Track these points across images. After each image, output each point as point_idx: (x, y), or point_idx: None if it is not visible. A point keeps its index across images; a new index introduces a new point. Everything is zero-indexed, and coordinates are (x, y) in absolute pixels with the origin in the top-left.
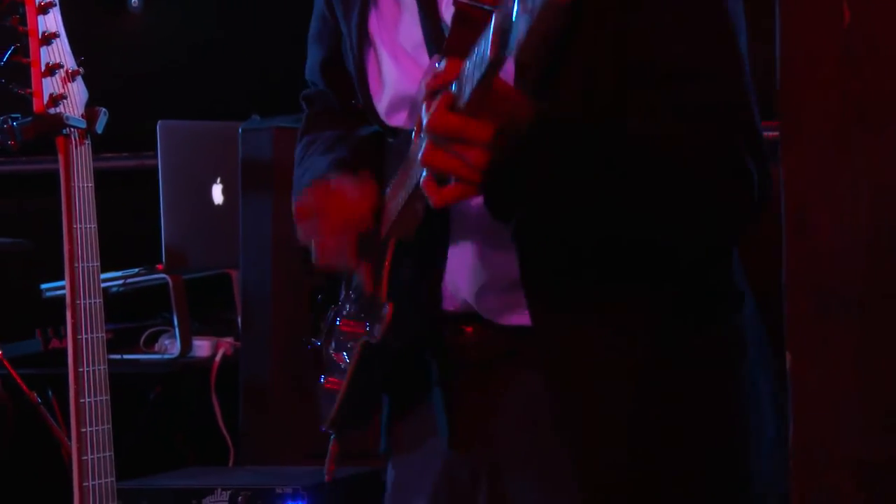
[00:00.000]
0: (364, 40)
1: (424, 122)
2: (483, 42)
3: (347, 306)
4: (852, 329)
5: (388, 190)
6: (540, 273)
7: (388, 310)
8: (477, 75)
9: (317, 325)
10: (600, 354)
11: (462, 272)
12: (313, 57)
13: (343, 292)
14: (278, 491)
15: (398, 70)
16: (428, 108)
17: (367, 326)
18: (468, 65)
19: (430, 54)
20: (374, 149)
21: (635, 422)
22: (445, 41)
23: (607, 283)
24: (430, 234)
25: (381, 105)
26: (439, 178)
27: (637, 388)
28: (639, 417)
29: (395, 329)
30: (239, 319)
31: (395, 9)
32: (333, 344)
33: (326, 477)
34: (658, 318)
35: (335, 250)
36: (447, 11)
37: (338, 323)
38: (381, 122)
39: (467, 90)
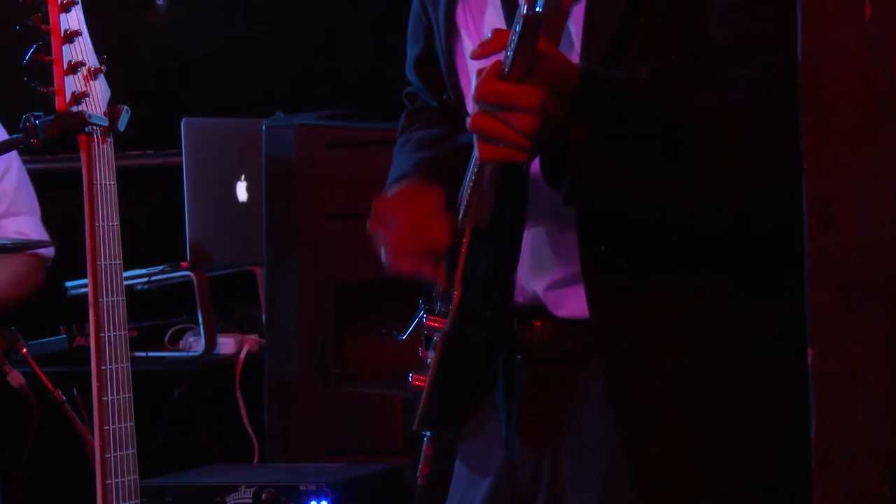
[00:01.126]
0: (452, 32)
1: (473, 90)
2: (519, 6)
3: (438, 304)
4: (878, 321)
5: (467, 179)
6: (600, 264)
7: (456, 294)
8: (515, 37)
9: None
10: (662, 352)
11: (535, 262)
12: (410, 55)
13: (437, 288)
14: (302, 488)
15: (484, 61)
16: (478, 77)
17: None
18: (512, 30)
19: None
20: (468, 151)
21: (697, 427)
22: None
23: (669, 274)
24: (505, 223)
25: (468, 96)
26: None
27: (702, 392)
28: (700, 411)
29: (465, 316)
30: (263, 317)
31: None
32: (423, 340)
33: (420, 480)
34: (722, 316)
35: (403, 262)
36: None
37: (424, 319)
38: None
39: (511, 54)
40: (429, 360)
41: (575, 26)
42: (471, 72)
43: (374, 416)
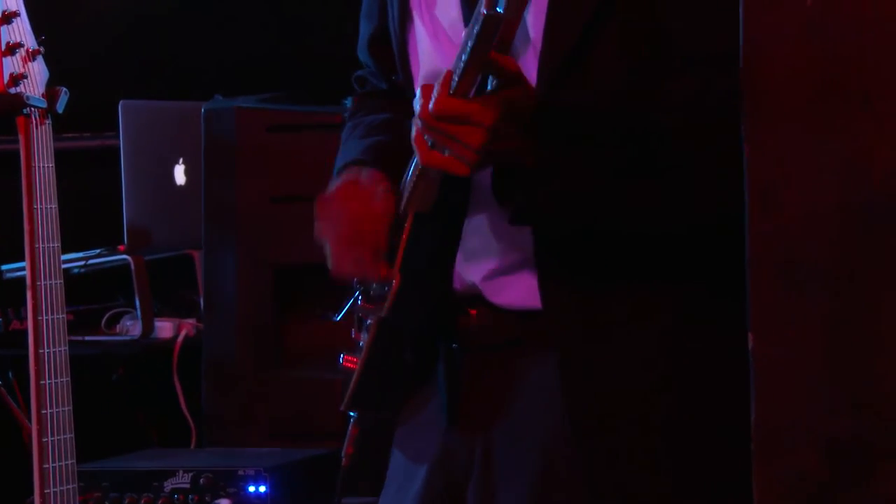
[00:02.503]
0: (406, 16)
1: (431, 105)
2: (479, 4)
3: (373, 287)
4: (819, 307)
5: (412, 165)
6: (554, 253)
7: (395, 282)
8: (473, 38)
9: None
10: (613, 340)
11: (474, 250)
12: (363, 33)
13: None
14: (240, 472)
15: (433, 46)
16: (425, 93)
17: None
18: (469, 29)
19: None
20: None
21: (644, 412)
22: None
23: (621, 264)
24: (447, 210)
25: (418, 81)
26: None
27: (650, 380)
28: (649, 407)
29: (403, 303)
30: (201, 301)
31: None
32: (356, 322)
33: (344, 461)
34: (678, 309)
35: (345, 269)
36: None
37: (359, 302)
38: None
39: (465, 58)
40: (361, 342)
41: (535, 21)
42: (421, 54)
43: (313, 400)
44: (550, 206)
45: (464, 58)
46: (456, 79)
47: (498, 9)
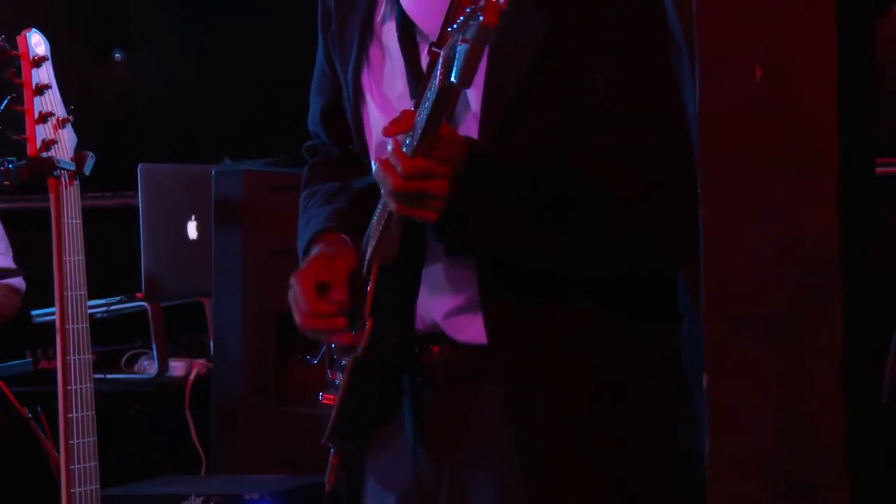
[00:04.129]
0: (358, 93)
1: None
2: (433, 78)
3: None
4: (765, 352)
5: (373, 219)
6: (496, 295)
7: (368, 325)
8: (429, 105)
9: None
10: (548, 370)
11: (432, 294)
12: (314, 107)
13: None
14: (246, 497)
15: (383, 118)
16: (383, 164)
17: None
18: (421, 108)
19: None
20: (370, 196)
21: (578, 433)
22: (421, 87)
23: (558, 304)
24: (407, 260)
25: (371, 148)
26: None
27: (581, 402)
28: (582, 429)
29: (375, 344)
30: (211, 343)
31: (383, 62)
32: (331, 364)
33: (327, 486)
34: (603, 339)
35: (313, 329)
36: (426, 63)
37: (333, 346)
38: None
39: (422, 122)
40: (337, 381)
41: (474, 92)
42: (373, 126)
43: (309, 433)
44: (479, 238)
45: (421, 124)
46: (415, 143)
47: (452, 80)
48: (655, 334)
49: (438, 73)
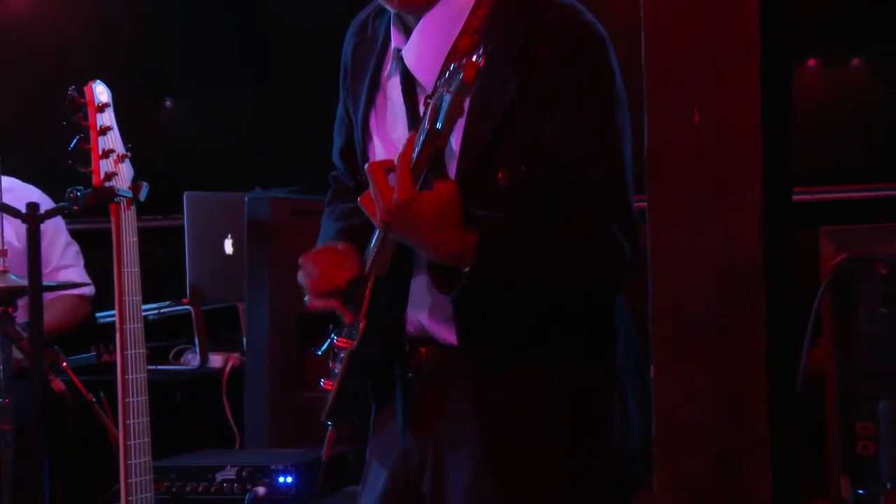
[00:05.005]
0: (367, 134)
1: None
2: (423, 122)
3: (344, 329)
4: (703, 348)
5: (373, 239)
6: (466, 310)
7: (362, 324)
8: (419, 145)
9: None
10: (507, 369)
11: (420, 303)
12: (335, 145)
13: (343, 318)
14: (272, 467)
15: (386, 154)
16: (383, 197)
17: (353, 342)
18: (416, 139)
19: None
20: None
21: (534, 422)
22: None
23: (516, 323)
24: (399, 275)
25: None
26: None
27: (536, 397)
28: (537, 418)
29: (369, 341)
30: (244, 340)
31: (388, 109)
32: (332, 355)
33: (324, 457)
34: (554, 347)
35: (316, 304)
36: (422, 108)
37: (334, 340)
38: None
39: (416, 154)
40: (336, 370)
41: (455, 138)
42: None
43: None
44: (479, 302)
45: (413, 160)
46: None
47: (437, 125)
48: (596, 347)
49: (427, 118)
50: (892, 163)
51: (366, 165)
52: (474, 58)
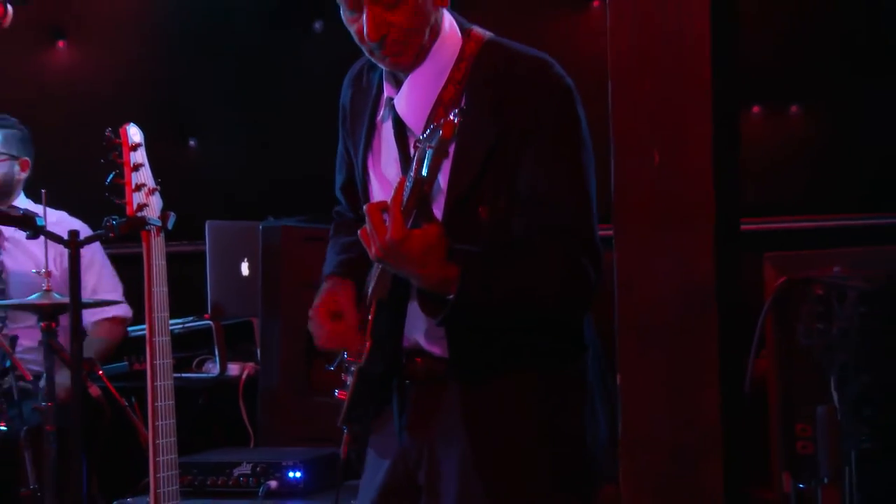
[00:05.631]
0: (365, 172)
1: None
2: (410, 171)
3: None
4: (663, 357)
5: (374, 268)
6: (456, 328)
7: (368, 344)
8: (409, 189)
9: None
10: (490, 376)
11: (415, 321)
12: (338, 180)
13: None
14: (283, 463)
15: (382, 192)
16: (378, 236)
17: (360, 357)
18: (405, 189)
19: None
20: None
21: (515, 421)
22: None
23: (499, 337)
24: (397, 298)
25: None
26: None
27: (516, 400)
28: (517, 418)
29: (374, 357)
30: (258, 351)
31: (382, 149)
32: (344, 369)
33: (342, 456)
34: (532, 359)
35: (330, 345)
36: (413, 151)
37: (345, 356)
38: None
39: (406, 198)
40: (348, 382)
41: (443, 178)
42: (375, 197)
43: (330, 416)
44: (464, 322)
45: (404, 202)
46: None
47: (423, 174)
48: (568, 358)
49: (414, 168)
50: (826, 197)
51: (364, 207)
52: (451, 117)
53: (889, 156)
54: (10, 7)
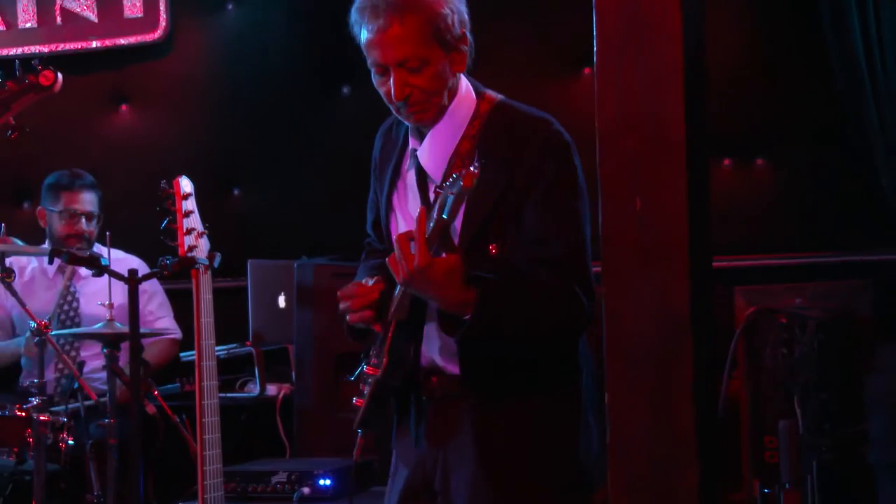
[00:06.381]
0: (390, 209)
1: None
2: (433, 211)
3: (372, 359)
4: (646, 377)
5: (395, 292)
6: (468, 348)
7: (385, 361)
8: (430, 226)
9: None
10: (497, 393)
11: (431, 342)
12: (369, 218)
13: (372, 352)
14: (315, 472)
15: (405, 227)
16: (403, 264)
17: (378, 371)
18: (427, 224)
19: None
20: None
21: (520, 438)
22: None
23: (504, 359)
24: (415, 319)
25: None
26: None
27: (521, 419)
28: (522, 435)
29: (390, 373)
30: (293, 373)
31: (406, 193)
32: (363, 380)
33: (355, 458)
34: (533, 378)
35: (354, 318)
36: (432, 195)
37: (364, 368)
38: None
39: (428, 236)
40: (365, 391)
41: (458, 218)
42: (398, 232)
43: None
44: (477, 342)
45: (427, 235)
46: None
47: (444, 216)
48: (565, 378)
49: (436, 210)
50: (788, 238)
51: (394, 237)
52: (472, 169)
53: (840, 202)
54: (59, 74)
